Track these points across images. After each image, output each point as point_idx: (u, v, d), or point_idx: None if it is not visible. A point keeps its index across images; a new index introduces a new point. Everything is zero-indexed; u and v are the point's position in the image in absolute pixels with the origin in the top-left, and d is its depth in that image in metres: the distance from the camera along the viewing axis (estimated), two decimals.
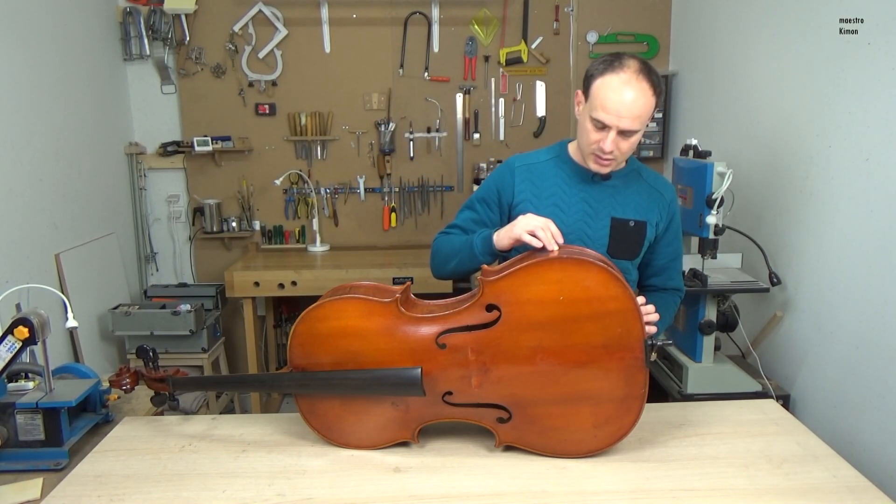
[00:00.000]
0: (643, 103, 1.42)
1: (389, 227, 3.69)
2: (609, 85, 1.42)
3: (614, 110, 1.41)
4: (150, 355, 1.50)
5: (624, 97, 1.40)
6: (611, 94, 1.41)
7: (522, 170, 1.63)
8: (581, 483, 1.28)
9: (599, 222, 1.57)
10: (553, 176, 1.61)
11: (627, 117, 1.41)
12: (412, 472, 1.32)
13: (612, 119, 1.42)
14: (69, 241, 2.85)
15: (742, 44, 2.70)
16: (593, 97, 1.45)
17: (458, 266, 1.58)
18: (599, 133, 1.46)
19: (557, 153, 1.65)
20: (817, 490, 1.24)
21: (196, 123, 3.51)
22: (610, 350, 1.29)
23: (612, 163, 1.50)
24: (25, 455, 1.38)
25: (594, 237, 1.57)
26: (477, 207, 1.66)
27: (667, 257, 1.68)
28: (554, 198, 1.59)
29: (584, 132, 1.50)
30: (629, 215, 1.58)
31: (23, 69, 2.57)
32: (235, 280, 3.13)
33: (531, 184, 1.61)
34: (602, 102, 1.42)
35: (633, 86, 1.40)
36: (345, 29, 3.47)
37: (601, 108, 1.42)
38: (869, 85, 1.94)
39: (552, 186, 1.59)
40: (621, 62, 1.43)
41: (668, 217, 1.64)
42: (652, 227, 1.60)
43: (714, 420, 1.52)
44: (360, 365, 1.35)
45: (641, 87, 1.41)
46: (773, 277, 2.29)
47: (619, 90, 1.40)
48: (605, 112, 1.42)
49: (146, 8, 3.36)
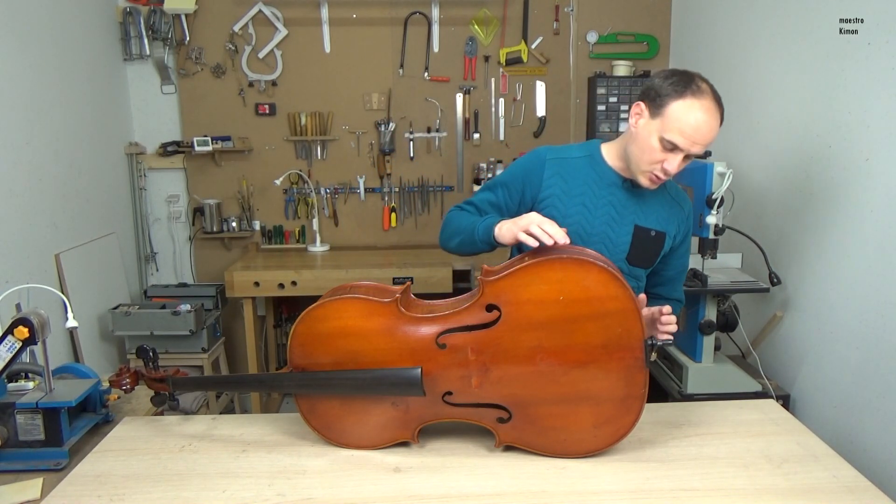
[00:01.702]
0: (716, 129, 1.41)
1: (389, 227, 3.69)
2: (690, 109, 1.38)
3: (692, 136, 1.38)
4: (150, 355, 1.49)
5: (703, 124, 1.38)
6: (692, 120, 1.38)
7: (553, 163, 1.59)
8: (581, 483, 1.28)
9: (623, 228, 1.56)
10: (584, 175, 1.57)
11: (701, 143, 1.40)
12: (412, 472, 1.32)
13: (686, 143, 1.39)
14: (69, 241, 2.85)
15: (742, 44, 2.70)
16: (669, 118, 1.40)
17: (460, 245, 1.57)
18: (666, 154, 1.42)
19: (590, 152, 1.61)
20: (817, 490, 1.24)
21: (196, 123, 3.51)
22: (610, 350, 1.29)
23: (662, 182, 1.49)
24: (25, 455, 1.38)
25: (617, 242, 1.56)
26: (497, 191, 1.63)
27: (676, 269, 1.69)
28: (583, 197, 1.56)
29: (647, 150, 1.44)
30: (651, 224, 1.58)
31: (23, 69, 2.57)
32: (235, 280, 3.13)
33: (561, 179, 1.57)
34: (681, 127, 1.38)
35: (713, 114, 1.39)
36: (345, 29, 3.47)
37: (679, 131, 1.39)
38: (869, 85, 1.95)
39: (582, 185, 1.57)
40: (699, 86, 1.39)
41: (685, 231, 1.64)
42: (670, 238, 1.60)
43: (714, 420, 1.52)
44: (360, 365, 1.35)
45: (717, 116, 1.40)
46: (773, 277, 2.29)
47: (701, 117, 1.38)
48: (683, 137, 1.39)
49: (146, 8, 3.36)
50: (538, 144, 3.63)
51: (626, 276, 1.55)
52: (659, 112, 1.42)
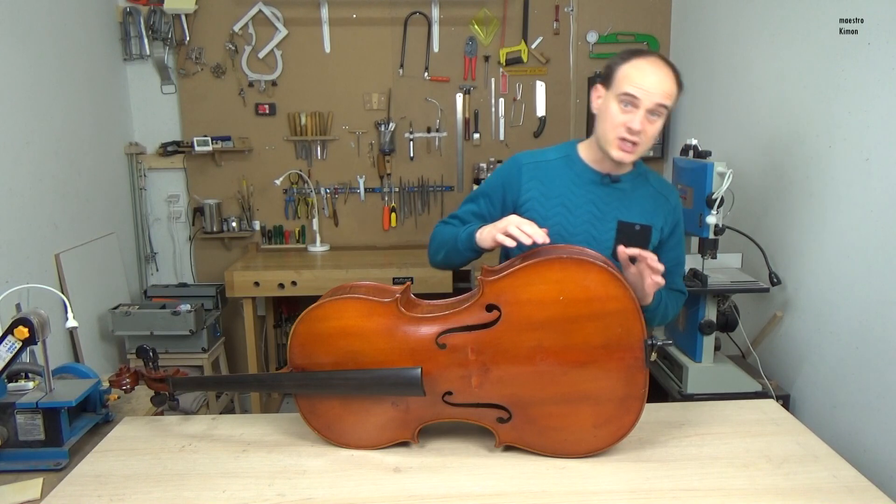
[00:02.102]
0: (671, 84, 1.45)
1: (389, 227, 3.69)
2: (638, 66, 1.45)
3: (645, 85, 1.43)
4: (150, 355, 1.49)
5: (654, 74, 1.44)
6: (640, 72, 1.44)
7: (530, 167, 1.61)
8: (581, 483, 1.28)
9: (606, 224, 1.57)
10: (562, 176, 1.59)
11: (659, 93, 1.43)
12: (412, 472, 1.32)
13: (642, 93, 1.43)
14: (69, 241, 2.85)
15: (742, 44, 2.70)
16: (619, 80, 1.46)
17: (447, 257, 1.59)
18: (627, 113, 1.46)
19: (566, 153, 1.63)
20: (817, 490, 1.24)
21: (196, 123, 3.51)
22: (610, 350, 1.29)
23: (636, 148, 1.48)
24: (25, 455, 1.38)
25: (600, 239, 1.56)
26: (479, 201, 1.65)
27: (670, 262, 1.66)
28: (562, 198, 1.57)
29: (609, 117, 1.48)
30: (635, 219, 1.58)
31: (23, 69, 2.57)
32: (235, 280, 3.13)
33: (539, 182, 1.59)
34: (632, 80, 1.44)
35: (662, 66, 1.45)
36: (345, 29, 3.47)
37: (630, 83, 1.44)
38: (869, 85, 1.95)
39: (560, 186, 1.58)
40: (645, 51, 1.48)
41: (673, 222, 1.64)
42: (657, 231, 1.60)
43: (714, 420, 1.52)
44: (360, 365, 1.35)
45: (667, 71, 1.46)
46: (773, 277, 2.29)
47: (649, 69, 1.44)
48: (635, 86, 1.43)
49: (146, 8, 3.36)
50: (538, 144, 3.65)
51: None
52: (611, 81, 1.49)
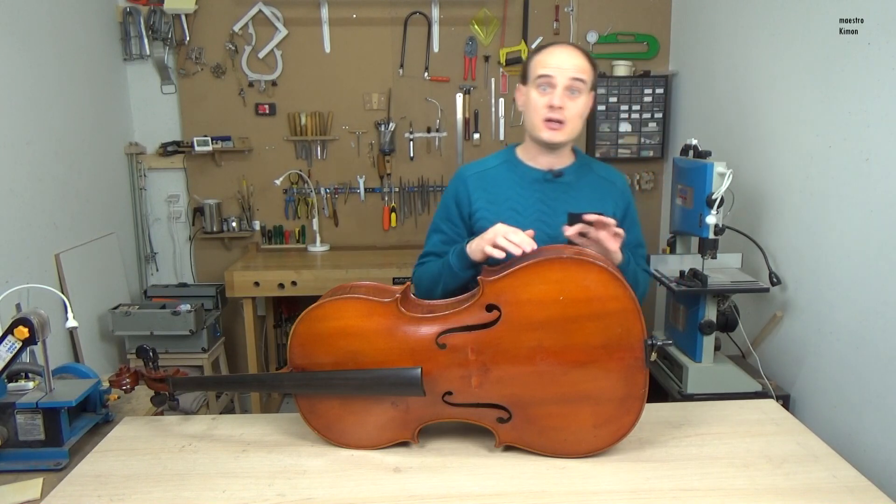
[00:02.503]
0: (581, 60, 1.52)
1: (389, 227, 3.69)
2: (546, 51, 1.54)
3: (556, 63, 1.50)
4: (150, 355, 1.49)
5: (562, 53, 1.52)
6: (549, 55, 1.53)
7: (474, 178, 1.64)
8: (581, 483, 1.28)
9: (557, 219, 1.58)
10: (505, 180, 1.62)
11: (570, 68, 1.50)
12: (412, 472, 1.32)
13: (555, 70, 1.50)
14: (69, 241, 2.85)
15: (742, 44, 2.70)
16: (532, 69, 1.55)
17: (445, 288, 1.57)
18: (546, 94, 1.52)
19: (506, 157, 1.66)
20: (817, 490, 1.24)
21: (196, 123, 3.51)
22: (610, 350, 1.29)
23: (562, 126, 1.53)
24: (25, 455, 1.38)
25: (554, 235, 1.57)
26: (443, 228, 1.67)
27: (629, 245, 1.68)
28: (510, 202, 1.60)
29: (532, 103, 1.55)
30: (585, 209, 1.58)
31: (23, 69, 2.57)
32: (235, 280, 3.13)
33: (485, 191, 1.62)
34: (543, 63, 1.52)
35: (569, 47, 1.54)
36: (345, 29, 3.47)
37: (542, 66, 1.52)
38: (869, 85, 1.95)
39: (507, 191, 1.61)
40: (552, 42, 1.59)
41: (624, 205, 1.66)
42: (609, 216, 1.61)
43: (714, 420, 1.52)
44: (360, 365, 1.35)
45: (575, 51, 1.54)
46: (773, 277, 2.29)
47: (557, 50, 1.53)
48: (547, 67, 1.51)
49: (146, 8, 3.36)
50: None
51: None
52: (527, 75, 1.58)
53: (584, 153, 1.70)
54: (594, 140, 3.49)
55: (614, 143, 3.49)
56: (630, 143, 3.50)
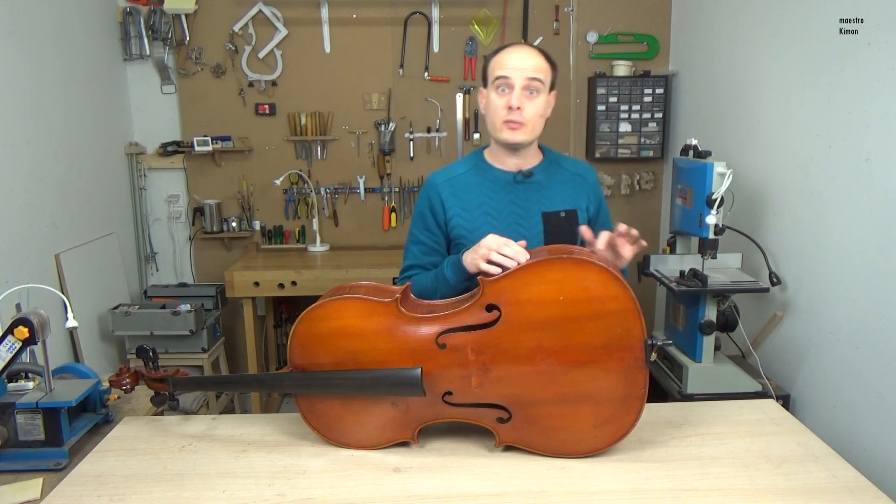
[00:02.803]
0: (537, 58, 1.53)
1: (389, 227, 3.69)
2: (503, 52, 1.55)
3: (511, 64, 1.51)
4: (150, 355, 1.49)
5: (517, 53, 1.53)
6: (506, 55, 1.53)
7: (445, 185, 1.63)
8: (581, 483, 1.28)
9: (531, 220, 1.59)
10: (476, 185, 1.62)
11: (526, 68, 1.50)
12: (412, 472, 1.32)
13: (511, 71, 1.50)
14: (69, 241, 2.85)
15: (742, 44, 2.70)
16: (491, 71, 1.56)
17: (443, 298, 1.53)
18: (505, 95, 1.53)
19: (475, 163, 1.66)
20: (817, 490, 1.24)
21: (196, 123, 3.51)
22: (610, 350, 1.29)
23: (522, 126, 1.53)
24: (25, 455, 1.38)
25: (530, 236, 1.56)
26: (421, 238, 1.66)
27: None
28: (483, 207, 1.60)
29: (492, 106, 1.56)
30: (558, 207, 1.60)
31: (23, 69, 2.57)
32: (235, 280, 3.13)
33: (457, 198, 1.61)
34: (500, 64, 1.53)
35: (526, 47, 1.55)
36: (345, 29, 3.47)
37: (499, 67, 1.52)
38: (869, 85, 1.95)
39: (478, 196, 1.61)
40: (510, 43, 1.59)
41: (597, 199, 1.68)
42: (583, 212, 1.63)
43: (714, 420, 1.52)
44: (360, 365, 1.35)
45: (533, 50, 1.54)
46: (773, 277, 2.29)
47: (513, 50, 1.54)
48: (503, 68, 1.51)
49: (146, 8, 3.36)
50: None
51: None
52: (486, 78, 1.59)
53: (551, 149, 1.69)
54: (594, 140, 3.49)
55: (614, 143, 3.49)
56: (630, 143, 3.50)
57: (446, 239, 1.64)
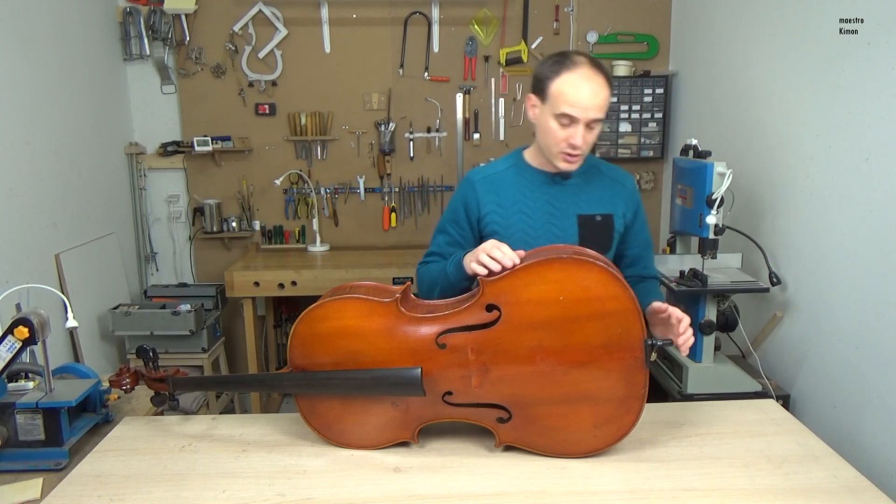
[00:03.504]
0: (604, 94, 1.47)
1: (389, 227, 3.69)
2: (569, 82, 1.46)
3: (580, 103, 1.45)
4: (150, 355, 1.49)
5: (587, 90, 1.45)
6: (573, 89, 1.46)
7: (483, 182, 1.65)
8: (581, 483, 1.28)
9: (566, 221, 1.59)
10: (514, 184, 1.63)
11: (593, 108, 1.46)
12: (412, 472, 1.32)
13: (579, 112, 1.46)
14: (69, 241, 2.85)
15: (742, 44, 2.70)
16: (554, 97, 1.48)
17: (442, 293, 1.56)
18: (567, 130, 1.49)
19: (514, 161, 1.68)
20: (817, 490, 1.24)
21: (196, 123, 3.51)
22: (610, 350, 1.29)
23: (579, 158, 1.53)
24: (25, 455, 1.38)
25: (563, 237, 1.58)
26: (449, 229, 1.67)
27: (639, 246, 1.70)
28: (518, 205, 1.61)
29: (550, 132, 1.52)
30: (595, 210, 1.61)
31: (23, 69, 2.57)
32: (235, 280, 3.13)
33: (494, 195, 1.62)
34: (566, 99, 1.46)
35: (593, 79, 1.46)
36: (345, 29, 3.47)
37: (566, 104, 1.46)
38: (869, 85, 1.95)
39: (515, 194, 1.62)
40: (572, 60, 1.48)
41: (634, 206, 1.67)
42: (619, 218, 1.63)
43: (714, 420, 1.52)
44: (360, 365, 1.35)
45: (599, 81, 1.47)
46: (773, 277, 2.29)
47: (581, 85, 1.46)
48: (572, 107, 1.46)
49: (146, 8, 3.36)
50: None
51: None
52: (545, 96, 1.51)
53: (592, 154, 1.69)
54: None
55: (614, 143, 3.49)
56: (630, 143, 3.50)
57: (477, 235, 1.65)
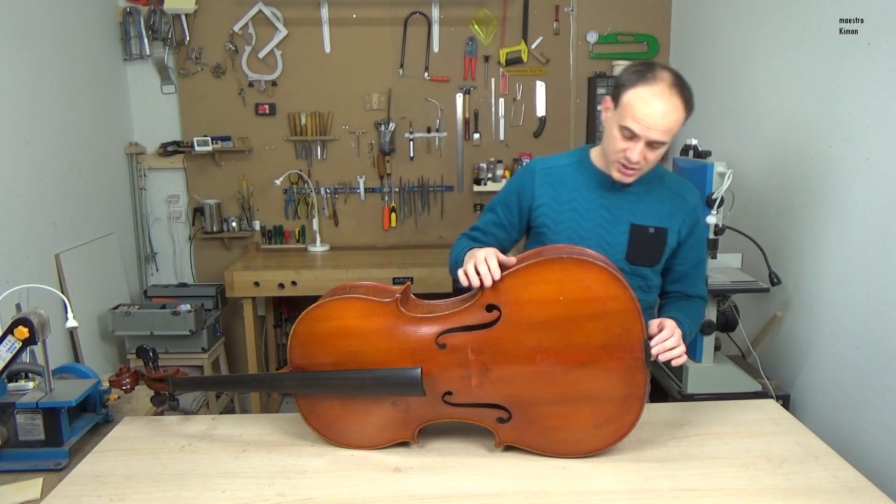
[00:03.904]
0: (674, 118, 1.40)
1: (389, 227, 3.69)
2: (641, 96, 1.40)
3: (644, 121, 1.40)
4: (150, 355, 1.49)
5: (656, 109, 1.39)
6: (642, 105, 1.40)
7: (543, 173, 1.62)
8: (581, 483, 1.28)
9: (618, 228, 1.56)
10: (573, 181, 1.60)
11: (657, 129, 1.40)
12: (412, 472, 1.32)
13: (641, 129, 1.41)
14: (69, 241, 2.85)
15: (742, 44, 2.70)
16: (624, 106, 1.43)
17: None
18: (627, 142, 1.45)
19: (579, 158, 1.63)
20: (817, 490, 1.24)
21: (196, 123, 3.51)
22: (610, 350, 1.29)
23: (635, 173, 1.49)
24: (25, 455, 1.38)
25: (613, 243, 1.56)
26: (498, 210, 1.67)
27: (689, 263, 1.64)
28: (573, 203, 1.58)
29: (612, 140, 1.48)
30: (649, 222, 1.56)
31: (23, 69, 2.57)
32: (235, 280, 3.13)
33: (551, 188, 1.60)
34: (633, 112, 1.41)
35: (666, 99, 1.39)
36: (345, 29, 3.47)
37: (631, 117, 1.41)
38: (869, 85, 1.94)
39: (572, 191, 1.59)
40: (654, 74, 1.41)
41: (692, 223, 1.61)
42: (674, 233, 1.58)
43: (714, 420, 1.52)
44: (360, 365, 1.35)
45: (673, 102, 1.40)
46: (773, 277, 2.29)
47: (652, 102, 1.39)
48: (636, 122, 1.41)
49: (146, 8, 3.36)
50: (538, 144, 3.65)
51: (629, 275, 1.54)
52: (618, 103, 1.45)
53: (661, 165, 1.61)
54: (594, 140, 3.48)
55: None
56: None
57: (525, 224, 1.64)
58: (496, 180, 3.54)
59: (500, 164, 3.58)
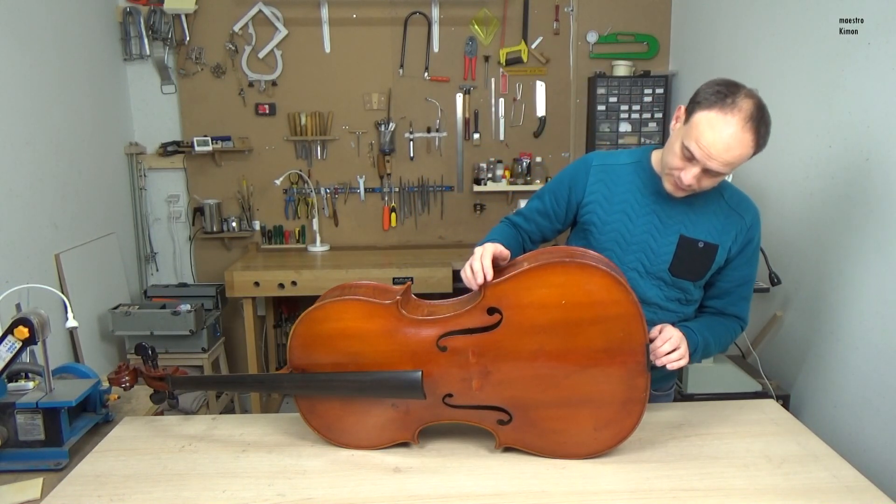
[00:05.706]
0: (738, 154, 1.32)
1: (389, 227, 3.69)
2: (712, 122, 1.31)
3: (707, 149, 1.32)
4: (149, 353, 1.49)
5: (722, 140, 1.30)
6: (710, 131, 1.31)
7: (598, 169, 1.56)
8: (581, 483, 1.28)
9: (667, 238, 1.50)
10: (628, 182, 1.53)
11: (717, 160, 1.32)
12: (412, 472, 1.32)
13: (702, 155, 1.33)
14: (69, 241, 2.85)
15: (742, 44, 2.70)
16: (692, 125, 1.35)
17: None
18: (684, 162, 1.38)
19: (639, 158, 1.56)
20: (817, 490, 1.24)
21: (196, 123, 3.51)
22: (611, 354, 1.28)
23: (687, 192, 1.43)
24: (25, 455, 1.38)
25: (659, 252, 1.50)
26: (546, 198, 1.62)
27: (733, 281, 1.55)
28: (624, 205, 1.52)
29: (671, 154, 1.41)
30: (701, 235, 1.49)
31: (23, 69, 2.57)
32: (235, 280, 3.13)
33: (604, 185, 1.55)
34: (698, 135, 1.33)
35: (737, 134, 1.30)
36: (345, 29, 3.47)
37: (696, 140, 1.33)
38: (869, 85, 1.94)
39: (625, 192, 1.53)
40: (735, 101, 1.31)
41: (745, 241, 1.51)
42: (724, 250, 1.50)
43: (714, 420, 1.52)
44: (360, 366, 1.35)
45: (743, 138, 1.31)
46: (773, 277, 2.29)
47: (721, 131, 1.30)
48: (698, 147, 1.33)
49: (146, 8, 3.36)
50: (538, 144, 3.65)
51: (669, 287, 1.51)
52: (689, 118, 1.37)
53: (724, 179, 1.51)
54: (594, 140, 3.48)
55: (614, 143, 3.49)
56: (630, 144, 3.49)
57: (572, 216, 1.60)
58: (496, 180, 3.55)
59: (500, 164, 3.58)
